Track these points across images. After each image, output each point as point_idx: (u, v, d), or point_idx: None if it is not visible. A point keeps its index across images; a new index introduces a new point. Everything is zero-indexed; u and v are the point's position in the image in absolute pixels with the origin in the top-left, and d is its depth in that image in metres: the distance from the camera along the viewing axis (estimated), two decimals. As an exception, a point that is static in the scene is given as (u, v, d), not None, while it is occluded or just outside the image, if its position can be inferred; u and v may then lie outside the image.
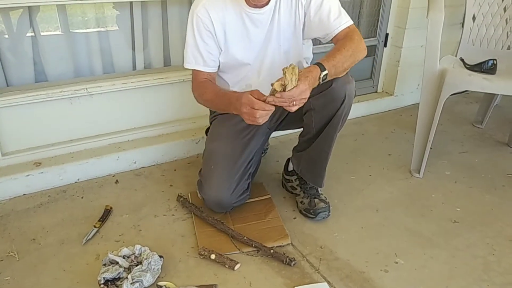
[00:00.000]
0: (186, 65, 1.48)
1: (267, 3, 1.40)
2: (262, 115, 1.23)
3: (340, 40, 1.38)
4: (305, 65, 1.61)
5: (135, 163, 1.89)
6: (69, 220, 1.55)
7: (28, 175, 1.68)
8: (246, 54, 1.48)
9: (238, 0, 1.39)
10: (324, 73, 1.25)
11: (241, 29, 1.44)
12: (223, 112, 1.62)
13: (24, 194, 1.69)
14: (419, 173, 1.88)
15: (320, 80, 1.26)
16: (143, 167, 1.91)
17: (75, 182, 1.78)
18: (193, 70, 1.48)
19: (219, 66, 1.51)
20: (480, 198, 1.75)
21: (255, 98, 1.22)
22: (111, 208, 1.60)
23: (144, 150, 1.90)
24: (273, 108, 1.23)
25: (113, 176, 1.84)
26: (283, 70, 1.15)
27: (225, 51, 1.46)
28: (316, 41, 1.66)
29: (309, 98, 1.40)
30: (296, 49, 1.51)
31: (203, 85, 1.46)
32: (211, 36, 1.42)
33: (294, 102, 1.20)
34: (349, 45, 1.33)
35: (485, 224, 1.59)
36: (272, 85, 1.20)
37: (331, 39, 1.42)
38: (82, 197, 1.69)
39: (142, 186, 1.77)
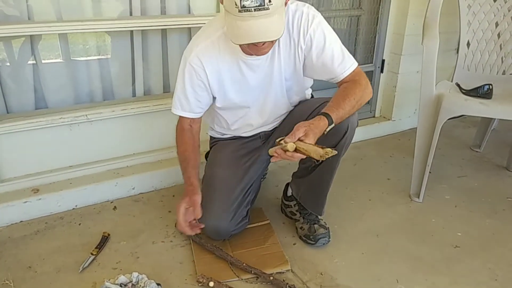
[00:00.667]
0: (173, 110, 1.45)
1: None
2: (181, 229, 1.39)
3: (345, 85, 1.35)
4: (308, 93, 1.61)
5: (133, 189, 1.89)
6: (66, 248, 1.53)
7: (25, 201, 1.67)
8: (245, 98, 1.45)
9: (234, 48, 1.32)
10: (331, 126, 1.23)
11: (238, 75, 1.39)
12: (222, 138, 1.64)
13: (21, 221, 1.68)
14: (418, 197, 1.87)
15: (325, 132, 1.23)
16: (141, 193, 1.90)
17: (73, 208, 1.77)
18: (179, 116, 1.46)
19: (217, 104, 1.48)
20: (481, 222, 1.74)
21: (181, 216, 1.37)
22: (108, 234, 1.59)
23: (142, 176, 1.89)
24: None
25: (111, 202, 1.83)
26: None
27: (222, 97, 1.43)
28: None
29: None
30: (298, 85, 1.49)
31: (182, 134, 1.46)
32: (203, 86, 1.39)
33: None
34: (357, 91, 1.30)
35: (486, 249, 1.57)
36: (278, 142, 1.22)
37: (338, 83, 1.39)
38: (80, 224, 1.68)
39: (140, 212, 1.76)
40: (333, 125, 1.24)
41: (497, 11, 2.09)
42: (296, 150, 1.17)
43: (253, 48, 1.24)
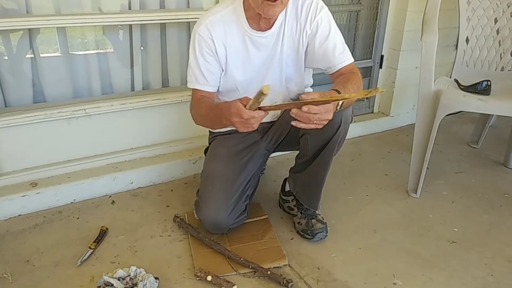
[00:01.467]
0: (188, 85, 1.47)
1: (270, 27, 1.41)
2: (254, 123, 1.17)
3: (345, 74, 1.38)
4: (307, 90, 1.62)
5: (132, 183, 1.89)
6: (64, 242, 1.54)
7: (24, 195, 1.68)
8: (245, 76, 1.48)
9: (241, 21, 1.40)
10: (341, 102, 1.23)
11: (242, 51, 1.43)
12: (221, 133, 1.64)
13: (19, 215, 1.68)
14: (416, 193, 1.88)
15: (337, 108, 1.22)
16: (140, 188, 1.91)
17: (71, 202, 1.77)
18: (193, 89, 1.47)
19: (218, 87, 1.51)
20: (478, 218, 1.75)
21: (245, 106, 1.15)
22: (106, 229, 1.59)
23: (141, 171, 1.90)
24: (264, 114, 1.16)
25: (110, 196, 1.83)
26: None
27: (225, 72, 1.46)
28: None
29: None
30: (297, 75, 1.51)
31: (200, 102, 1.45)
32: (213, 54, 1.42)
33: (315, 120, 1.11)
34: (356, 79, 1.34)
35: (483, 244, 1.58)
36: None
37: (333, 72, 1.43)
38: (78, 218, 1.68)
39: (138, 207, 1.77)
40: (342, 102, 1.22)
41: (496, 7, 2.09)
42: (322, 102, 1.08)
43: (266, 5, 1.25)
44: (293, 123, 1.14)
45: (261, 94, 1.06)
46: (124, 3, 1.85)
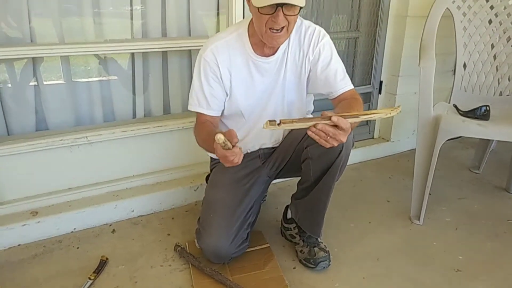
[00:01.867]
0: (190, 107, 1.48)
1: (274, 53, 1.44)
2: (233, 160, 1.16)
3: (347, 99, 1.41)
4: (308, 116, 1.63)
5: (132, 211, 1.88)
6: (64, 272, 1.52)
7: (24, 224, 1.66)
8: (248, 101, 1.49)
9: (246, 47, 1.42)
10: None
11: (246, 76, 1.46)
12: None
13: (19, 245, 1.66)
14: (419, 220, 1.87)
15: None
16: (140, 216, 1.89)
17: (71, 231, 1.76)
18: (197, 113, 1.48)
19: (223, 111, 1.52)
20: (482, 245, 1.73)
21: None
22: (107, 258, 1.57)
23: (142, 198, 1.89)
24: (239, 151, 1.16)
25: (110, 225, 1.82)
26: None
27: (229, 96, 1.48)
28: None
29: (307, 147, 1.42)
30: (299, 100, 1.53)
31: (203, 126, 1.46)
32: (217, 80, 1.43)
33: (331, 137, 1.12)
34: (358, 105, 1.37)
35: (488, 272, 1.56)
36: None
37: (335, 97, 1.46)
38: (78, 248, 1.66)
39: (139, 236, 1.75)
40: None
41: (493, 33, 2.13)
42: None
43: (270, 36, 1.30)
44: (309, 133, 1.14)
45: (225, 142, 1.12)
46: (127, 31, 1.88)
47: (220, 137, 1.10)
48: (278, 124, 1.09)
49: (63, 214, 1.73)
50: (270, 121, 1.08)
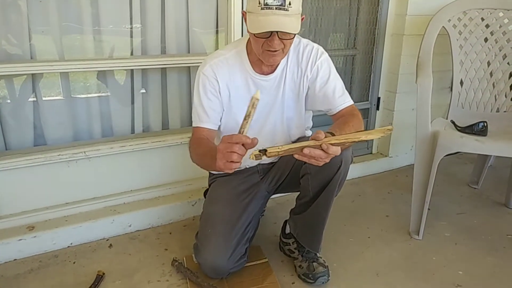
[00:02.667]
0: (193, 124, 1.48)
1: (273, 71, 1.45)
2: (234, 155, 1.11)
3: (345, 116, 1.41)
4: (308, 133, 1.64)
5: (130, 226, 1.86)
6: (60, 287, 1.49)
7: (20, 239, 1.65)
8: None
9: (245, 65, 1.44)
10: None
11: (245, 93, 1.46)
12: (221, 174, 1.63)
13: (15, 259, 1.64)
14: (418, 234, 1.86)
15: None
16: (138, 230, 1.88)
17: (68, 246, 1.74)
18: (193, 128, 1.48)
19: (220, 127, 1.52)
20: (482, 260, 1.71)
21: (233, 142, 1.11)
22: (103, 274, 1.55)
23: (139, 213, 1.88)
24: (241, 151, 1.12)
25: (107, 240, 1.80)
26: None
27: (227, 112, 1.48)
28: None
29: (306, 162, 1.41)
30: (298, 117, 1.54)
31: (199, 141, 1.45)
32: (216, 94, 1.44)
33: (325, 159, 1.10)
34: (356, 121, 1.36)
35: (488, 287, 1.55)
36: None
37: (334, 114, 1.46)
38: (74, 262, 1.64)
39: (136, 251, 1.73)
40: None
41: (489, 50, 2.16)
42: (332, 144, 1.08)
43: (267, 55, 1.31)
44: (297, 156, 1.11)
45: (254, 100, 1.09)
46: (127, 48, 1.91)
47: (258, 94, 1.08)
48: (265, 154, 1.06)
49: (59, 229, 1.72)
50: (255, 154, 1.05)
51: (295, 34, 1.29)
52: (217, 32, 2.07)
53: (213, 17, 2.03)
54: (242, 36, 1.97)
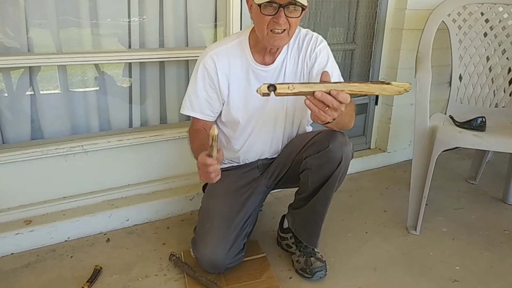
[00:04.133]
0: (181, 110, 1.49)
1: (273, 62, 1.45)
2: (211, 172, 1.16)
3: None
4: (309, 128, 1.64)
5: (127, 220, 1.86)
6: (57, 281, 1.50)
7: (17, 233, 1.64)
8: (246, 108, 1.49)
9: (246, 54, 1.44)
10: None
11: (245, 83, 1.46)
12: (221, 169, 1.62)
13: (12, 254, 1.64)
14: (415, 230, 1.86)
15: None
16: (135, 225, 1.88)
17: (65, 240, 1.74)
18: (192, 117, 1.48)
19: (220, 116, 1.52)
20: (479, 255, 1.72)
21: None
22: (100, 268, 1.55)
23: (137, 207, 1.87)
24: (216, 166, 1.15)
25: (105, 234, 1.80)
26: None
27: (226, 102, 1.48)
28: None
29: (306, 157, 1.42)
30: (299, 106, 1.53)
31: (195, 134, 1.45)
32: (214, 87, 1.44)
33: (333, 107, 1.08)
34: (351, 105, 1.34)
35: (485, 282, 1.55)
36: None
37: None
38: (72, 257, 1.64)
39: (134, 245, 1.73)
40: None
41: (488, 45, 2.15)
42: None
43: (271, 37, 1.31)
44: (307, 102, 1.09)
45: (211, 136, 1.09)
46: (125, 41, 1.89)
47: (215, 130, 1.06)
48: (273, 91, 1.02)
49: (57, 223, 1.71)
50: (263, 90, 1.02)
51: (302, 11, 1.29)
52: (215, 26, 2.06)
53: (211, 11, 2.02)
54: (240, 29, 1.96)
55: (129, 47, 1.90)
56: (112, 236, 1.78)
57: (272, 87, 1.03)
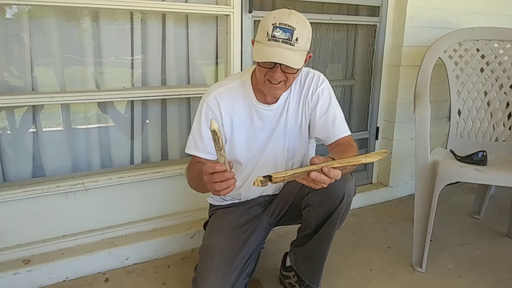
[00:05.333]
0: (186, 150, 1.48)
1: (276, 101, 1.47)
2: (223, 181, 1.11)
3: (342, 145, 1.43)
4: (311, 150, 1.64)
5: (127, 259, 1.83)
6: (54, 324, 1.46)
7: (15, 273, 1.61)
8: (248, 147, 1.50)
9: (249, 94, 1.45)
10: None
11: (248, 122, 1.47)
12: (222, 206, 1.62)
13: (9, 295, 1.61)
14: (421, 267, 1.82)
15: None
16: (135, 264, 1.84)
17: (63, 280, 1.70)
18: (192, 156, 1.47)
19: None
20: (487, 293, 1.68)
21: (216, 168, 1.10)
22: (99, 309, 1.52)
23: (137, 246, 1.84)
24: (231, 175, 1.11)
25: (104, 273, 1.76)
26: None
27: (229, 142, 1.49)
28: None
29: (308, 194, 1.41)
30: (301, 146, 1.54)
31: (195, 165, 1.44)
32: (218, 124, 1.44)
33: (325, 182, 1.10)
34: (353, 151, 1.37)
35: (495, 322, 1.51)
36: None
37: (331, 143, 1.47)
38: (70, 298, 1.61)
39: (133, 285, 1.69)
40: None
41: (485, 80, 2.18)
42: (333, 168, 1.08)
43: (268, 86, 1.33)
44: (301, 181, 1.10)
45: (212, 131, 1.03)
46: (127, 80, 1.92)
47: (214, 124, 1.00)
48: (270, 180, 1.03)
49: (55, 262, 1.68)
50: (260, 180, 1.03)
51: (297, 70, 1.30)
52: (216, 63, 2.10)
53: (212, 49, 2.07)
54: (241, 67, 1.99)
55: (132, 85, 1.93)
56: (111, 276, 1.75)
57: (267, 177, 1.04)
